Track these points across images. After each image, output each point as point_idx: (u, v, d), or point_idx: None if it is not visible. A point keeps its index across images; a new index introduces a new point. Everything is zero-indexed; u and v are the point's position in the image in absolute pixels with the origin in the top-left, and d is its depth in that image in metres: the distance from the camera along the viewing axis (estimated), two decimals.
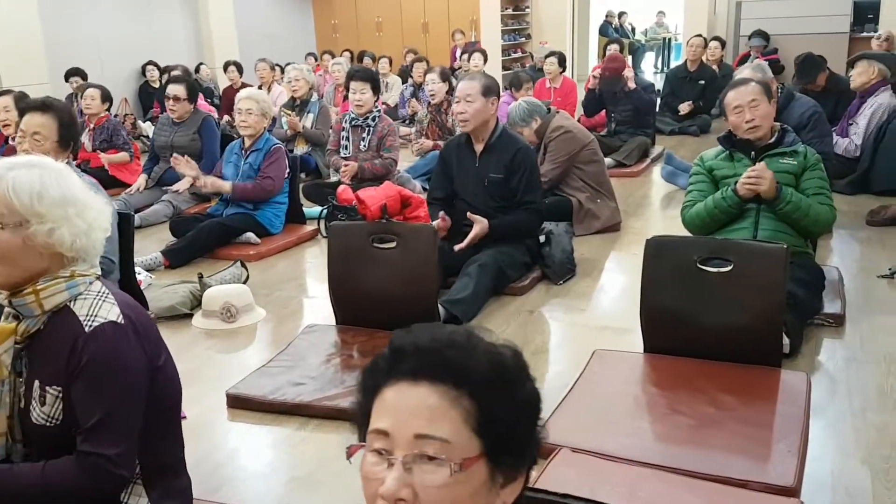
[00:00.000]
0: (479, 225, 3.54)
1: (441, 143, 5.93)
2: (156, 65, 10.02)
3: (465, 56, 9.85)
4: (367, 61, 10.55)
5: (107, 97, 5.93)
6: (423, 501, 0.85)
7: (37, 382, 1.54)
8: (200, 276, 3.73)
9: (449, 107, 5.96)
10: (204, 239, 4.41)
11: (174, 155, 4.82)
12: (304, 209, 5.08)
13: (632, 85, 6.40)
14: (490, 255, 3.53)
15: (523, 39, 13.79)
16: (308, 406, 2.59)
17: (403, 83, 9.27)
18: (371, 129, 5.23)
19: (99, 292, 1.57)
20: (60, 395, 1.51)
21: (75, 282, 1.54)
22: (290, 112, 6.28)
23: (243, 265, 4.02)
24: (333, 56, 10.59)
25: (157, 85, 9.89)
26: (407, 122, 8.18)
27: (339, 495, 2.16)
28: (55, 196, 1.50)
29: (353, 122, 5.28)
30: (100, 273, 1.62)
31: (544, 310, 3.51)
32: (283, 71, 9.15)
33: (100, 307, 1.54)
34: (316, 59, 11.44)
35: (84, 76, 8.43)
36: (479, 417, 0.87)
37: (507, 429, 0.89)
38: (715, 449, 2.15)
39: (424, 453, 0.86)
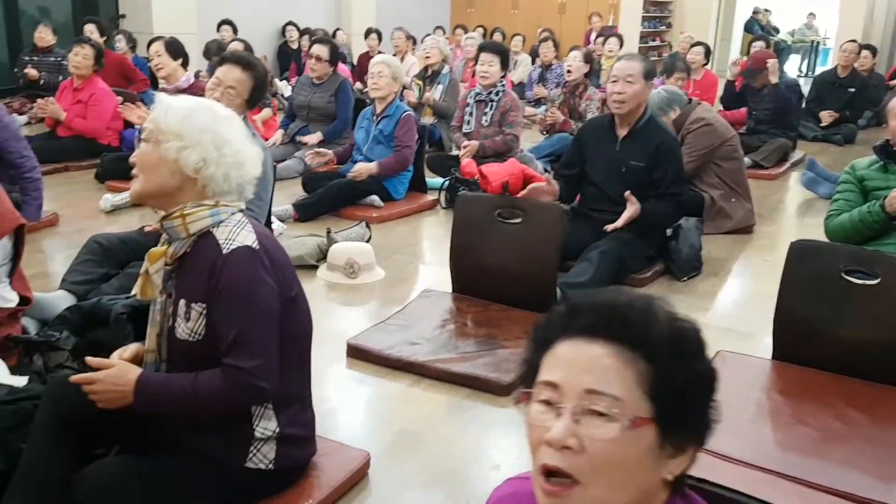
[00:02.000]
0: (634, 207, 3.42)
1: (571, 121, 5.85)
2: (296, 26, 10.34)
3: (601, 40, 9.65)
4: (497, 37, 10.51)
5: (263, 71, 6.15)
6: (590, 453, 0.86)
7: (182, 300, 1.66)
8: (329, 231, 3.86)
9: (584, 90, 5.86)
10: (332, 197, 4.56)
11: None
12: (427, 179, 5.15)
13: (773, 79, 6.08)
14: (613, 242, 3.45)
15: (664, 28, 13.36)
16: (422, 365, 2.64)
17: (533, 63, 9.19)
18: (494, 103, 5.22)
19: (239, 221, 1.68)
20: (204, 311, 1.63)
21: (218, 210, 1.66)
22: (420, 82, 6.36)
23: (368, 226, 4.13)
24: (466, 31, 10.61)
25: (295, 46, 10.23)
26: (533, 103, 8.12)
27: (444, 453, 2.20)
28: (198, 123, 1.65)
29: (477, 98, 5.28)
30: (243, 208, 1.72)
31: None
32: (415, 42, 9.28)
33: (238, 233, 1.65)
34: (444, 32, 11.49)
35: (235, 28, 8.82)
36: (654, 382, 0.88)
37: (681, 398, 0.89)
38: (837, 463, 2.06)
39: (594, 408, 0.87)
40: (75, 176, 5.23)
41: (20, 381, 2.11)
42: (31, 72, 7.06)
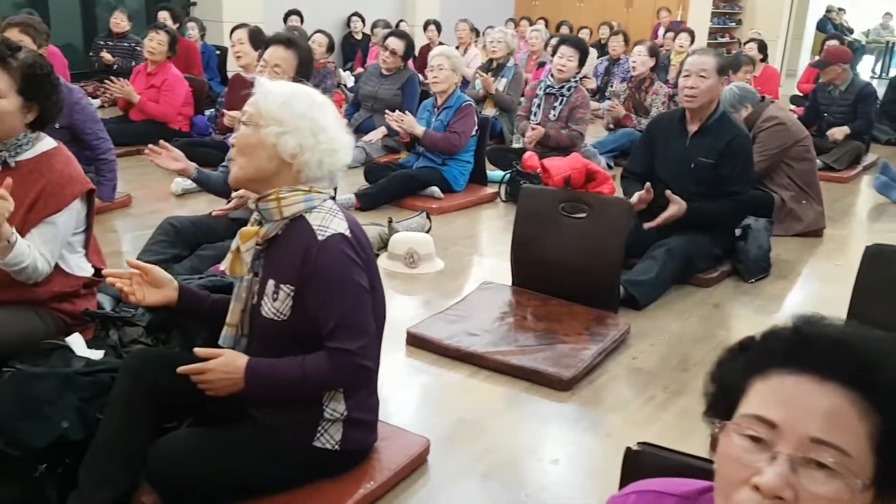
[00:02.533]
0: (677, 206, 3.38)
1: (632, 116, 5.77)
2: (360, 17, 10.43)
3: (670, 35, 9.48)
4: (563, 30, 10.42)
5: (331, 47, 6.26)
6: None
7: (271, 281, 1.70)
8: (390, 221, 3.90)
9: (650, 84, 5.77)
10: (393, 187, 4.60)
11: (387, 113, 4.99)
12: (487, 172, 5.14)
13: (845, 77, 5.88)
14: (680, 240, 3.40)
15: (733, 25, 13.05)
16: (480, 356, 2.65)
17: (599, 57, 9.07)
18: (565, 98, 5.18)
19: (331, 208, 1.72)
20: (292, 293, 1.68)
21: (311, 196, 1.70)
22: (484, 74, 6.35)
23: (428, 217, 4.15)
24: (531, 23, 10.54)
25: (359, 37, 10.33)
26: (597, 96, 8.02)
27: (502, 445, 2.21)
28: (297, 109, 1.68)
29: (547, 90, 5.25)
30: (333, 195, 1.76)
31: (731, 306, 3.36)
32: (478, 34, 9.26)
33: (331, 220, 1.69)
34: (515, 25, 11.44)
35: (301, 18, 8.96)
36: (885, 438, 0.78)
37: None
38: None
39: (817, 460, 0.77)
40: (147, 159, 5.37)
41: (97, 354, 2.19)
42: (107, 56, 7.29)
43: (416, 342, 2.78)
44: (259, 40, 4.89)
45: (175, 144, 5.14)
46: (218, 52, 7.98)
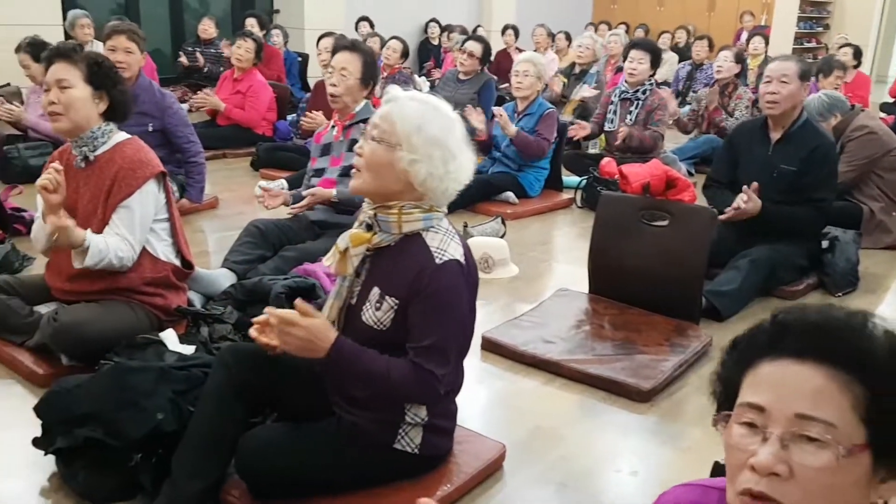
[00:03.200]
0: (752, 202, 3.26)
1: (721, 110, 5.64)
2: (437, 22, 10.53)
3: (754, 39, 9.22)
4: (641, 34, 10.26)
5: (406, 52, 6.35)
6: (800, 481, 0.83)
7: (377, 289, 1.73)
8: (465, 225, 3.93)
9: (734, 89, 5.64)
10: (468, 192, 4.59)
11: (468, 106, 5.03)
12: (563, 177, 5.12)
13: None
14: (764, 251, 3.31)
15: (820, 29, 12.57)
16: (557, 364, 2.64)
17: (680, 62, 8.90)
18: (640, 102, 5.11)
19: (447, 230, 1.74)
20: (396, 307, 1.70)
21: (430, 215, 1.72)
22: (564, 79, 6.32)
23: (503, 222, 4.16)
24: (610, 27, 10.43)
25: (436, 42, 10.42)
26: (678, 101, 7.87)
27: (578, 454, 2.20)
28: (430, 134, 1.67)
29: (622, 95, 5.19)
30: (447, 212, 1.78)
31: None
32: (554, 39, 9.22)
33: (448, 244, 1.70)
34: (596, 30, 11.35)
35: (371, 23, 9.11)
36: (871, 406, 0.83)
37: None
38: None
39: (805, 434, 0.83)
40: (232, 163, 5.59)
41: (188, 349, 2.29)
42: (198, 57, 7.57)
43: (491, 347, 2.79)
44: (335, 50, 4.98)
45: (259, 148, 5.39)
46: (300, 58, 8.19)
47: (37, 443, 1.91)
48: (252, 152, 5.48)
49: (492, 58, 9.96)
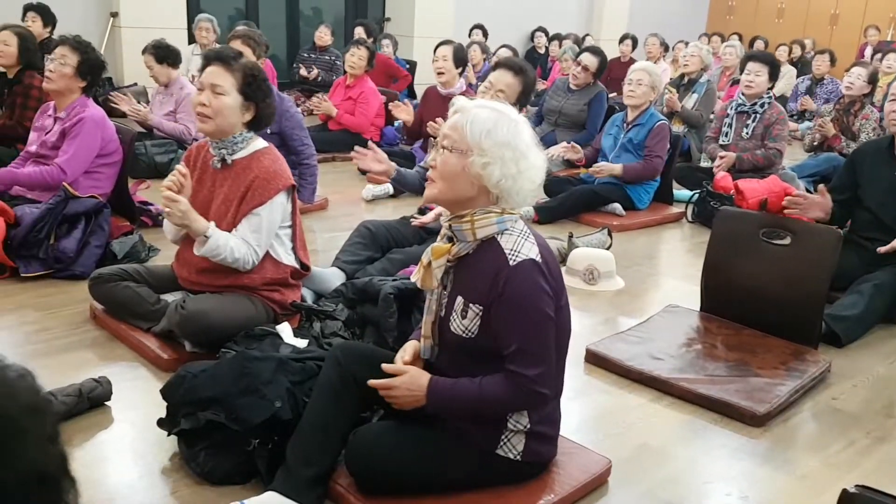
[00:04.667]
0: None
1: (841, 137, 5.37)
2: (545, 32, 10.48)
3: (878, 56, 8.73)
4: (758, 45, 9.89)
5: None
6: None
7: (460, 298, 1.75)
8: (570, 236, 3.89)
9: (860, 108, 5.35)
10: (573, 202, 4.57)
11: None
12: (674, 191, 4.99)
13: None
14: (889, 275, 3.13)
15: None
16: (665, 382, 2.57)
17: (799, 76, 8.53)
18: (758, 116, 4.92)
19: (522, 231, 1.74)
20: (480, 313, 1.72)
21: (503, 218, 1.72)
22: (672, 90, 6.17)
23: (609, 234, 4.09)
24: (723, 39, 10.12)
25: (542, 51, 10.38)
26: (795, 117, 7.54)
27: (687, 475, 2.13)
28: (500, 138, 1.69)
29: (738, 108, 5.01)
30: (522, 214, 1.78)
31: None
32: (667, 49, 9.01)
33: (522, 245, 1.70)
34: (709, 41, 11.03)
35: (485, 32, 9.18)
36: None
37: None
38: None
39: None
40: (341, 166, 5.74)
41: (302, 342, 2.37)
42: (310, 69, 7.84)
43: (596, 360, 2.75)
44: (461, 59, 5.02)
45: None
46: (408, 65, 8.34)
47: (161, 423, 2.02)
48: None
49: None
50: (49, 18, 5.83)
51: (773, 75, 4.95)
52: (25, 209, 3.18)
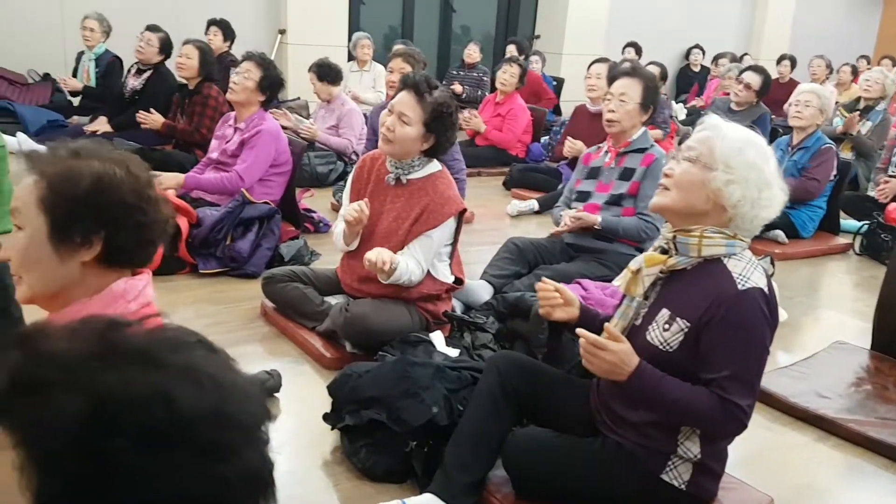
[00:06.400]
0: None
1: None
2: (702, 49, 10.15)
3: None
4: None
5: (664, 75, 6.23)
6: None
7: (666, 311, 1.71)
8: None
9: None
10: None
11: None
12: (840, 220, 4.68)
13: None
14: None
15: None
16: (832, 422, 2.42)
17: None
18: None
19: (751, 259, 1.68)
20: (686, 329, 1.67)
21: (733, 242, 1.67)
22: (846, 113, 5.80)
23: (772, 262, 3.89)
24: (894, 62, 9.41)
25: (697, 69, 10.06)
26: None
27: None
28: (749, 158, 1.65)
29: None
30: (749, 244, 1.71)
31: None
32: (832, 72, 8.51)
33: (752, 273, 1.65)
34: (868, 63, 10.30)
35: (639, 50, 9.00)
36: None
37: None
38: None
39: None
40: (486, 181, 5.82)
41: (453, 352, 2.42)
42: (457, 87, 8.02)
43: (758, 395, 2.61)
44: (612, 77, 4.97)
45: (513, 169, 5.57)
46: (555, 83, 8.34)
47: (326, 418, 2.13)
48: (505, 172, 5.67)
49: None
50: (229, 34, 6.31)
51: None
52: (206, 211, 3.46)
